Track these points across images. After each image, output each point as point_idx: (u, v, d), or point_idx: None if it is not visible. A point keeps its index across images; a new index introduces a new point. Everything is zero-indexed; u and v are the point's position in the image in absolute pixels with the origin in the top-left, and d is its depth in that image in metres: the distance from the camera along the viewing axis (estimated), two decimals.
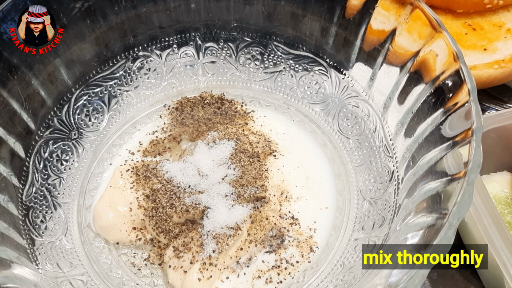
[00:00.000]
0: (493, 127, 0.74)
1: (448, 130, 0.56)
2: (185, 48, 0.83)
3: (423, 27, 0.62)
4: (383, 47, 0.69)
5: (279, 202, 0.73)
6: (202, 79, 0.87)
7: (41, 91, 0.72)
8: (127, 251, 0.71)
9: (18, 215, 0.67)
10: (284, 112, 0.85)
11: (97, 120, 0.81)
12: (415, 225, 0.54)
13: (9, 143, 0.68)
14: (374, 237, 0.65)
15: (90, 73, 0.79)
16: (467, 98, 0.54)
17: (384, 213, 0.66)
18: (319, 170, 0.78)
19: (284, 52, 0.81)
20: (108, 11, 0.75)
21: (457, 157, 0.52)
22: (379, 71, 0.71)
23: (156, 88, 0.86)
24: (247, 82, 0.87)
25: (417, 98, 0.64)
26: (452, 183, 0.50)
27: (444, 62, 0.59)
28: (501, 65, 0.85)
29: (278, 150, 0.79)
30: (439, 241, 0.45)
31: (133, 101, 0.84)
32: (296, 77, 0.82)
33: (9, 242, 0.61)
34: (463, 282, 0.74)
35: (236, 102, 0.85)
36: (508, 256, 0.63)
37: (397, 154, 0.68)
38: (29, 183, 0.71)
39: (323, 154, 0.80)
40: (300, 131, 0.83)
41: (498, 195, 0.76)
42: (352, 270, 0.63)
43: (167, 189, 0.71)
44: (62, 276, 0.65)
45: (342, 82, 0.78)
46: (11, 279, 0.55)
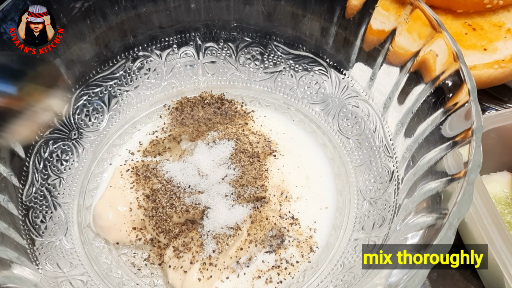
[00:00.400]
0: (493, 127, 0.74)
1: (448, 130, 0.56)
2: (185, 48, 0.83)
3: (423, 27, 0.62)
4: (383, 47, 0.69)
5: (279, 202, 0.73)
6: (202, 79, 0.87)
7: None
8: (127, 251, 0.71)
9: (18, 215, 0.67)
10: (284, 112, 0.85)
11: (97, 120, 0.81)
12: (415, 225, 0.54)
13: (9, 143, 0.68)
14: (374, 237, 0.65)
15: (90, 73, 0.79)
16: (467, 98, 0.54)
17: (384, 213, 0.66)
18: (319, 170, 0.78)
19: (284, 52, 0.81)
20: (108, 11, 0.75)
21: (457, 157, 0.52)
22: (379, 71, 0.71)
23: (156, 88, 0.86)
24: (247, 82, 0.87)
25: (417, 98, 0.63)
26: (452, 183, 0.50)
27: (444, 62, 0.59)
28: (501, 65, 0.85)
29: (278, 150, 0.79)
30: (439, 241, 0.45)
31: (133, 101, 0.84)
32: (296, 77, 0.81)
33: (9, 242, 0.61)
34: (463, 282, 0.74)
35: (236, 102, 0.85)
36: (508, 256, 0.63)
37: (397, 154, 0.68)
38: (29, 183, 0.71)
39: (323, 154, 0.80)
40: (300, 131, 0.83)
41: (498, 195, 0.76)
42: (352, 270, 0.63)
43: (167, 189, 0.71)
44: (62, 276, 0.65)
45: (342, 82, 0.78)
46: (11, 279, 0.55)
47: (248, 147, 0.76)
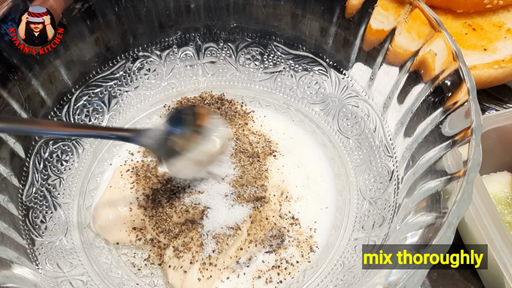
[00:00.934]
0: (493, 127, 0.74)
1: (447, 129, 0.56)
2: (185, 48, 0.83)
3: (422, 27, 0.62)
4: (383, 46, 0.69)
5: (279, 202, 0.73)
6: (202, 80, 0.87)
7: (41, 91, 0.72)
8: (127, 251, 0.71)
9: (18, 215, 0.66)
10: (284, 112, 0.85)
11: (97, 120, 0.81)
12: (414, 224, 0.54)
13: (9, 143, 0.68)
14: (374, 237, 0.64)
15: (90, 74, 0.79)
16: (467, 97, 0.54)
17: (384, 213, 0.66)
18: (319, 170, 0.78)
19: (284, 52, 0.81)
20: (108, 11, 0.75)
21: (456, 156, 0.52)
22: (379, 71, 0.71)
23: (156, 89, 0.86)
24: (247, 82, 0.87)
25: (417, 98, 0.63)
26: (451, 182, 0.50)
27: (443, 61, 0.59)
28: (501, 65, 0.85)
29: (278, 150, 0.79)
30: (438, 240, 0.45)
31: (133, 101, 0.84)
32: (296, 77, 0.81)
33: (9, 242, 0.61)
34: (463, 282, 0.74)
35: (236, 102, 0.85)
36: (508, 256, 0.63)
37: (397, 153, 0.68)
38: (29, 183, 0.71)
39: (323, 154, 0.80)
40: (300, 131, 0.83)
41: (498, 195, 0.76)
42: (352, 270, 0.63)
43: (167, 189, 0.71)
44: (62, 276, 0.65)
45: (342, 82, 0.78)
46: (11, 279, 0.55)
47: (248, 147, 0.76)
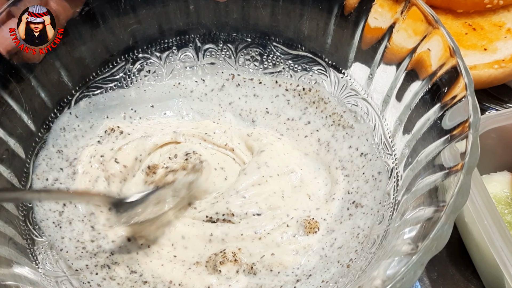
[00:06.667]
0: (493, 127, 0.74)
1: (445, 125, 0.56)
2: (184, 49, 0.83)
3: (419, 23, 0.62)
4: (381, 45, 0.69)
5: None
6: None
7: (41, 93, 0.72)
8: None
9: (18, 215, 0.67)
10: None
11: None
12: (413, 219, 0.54)
13: (9, 144, 0.68)
14: (374, 235, 0.64)
15: (90, 75, 0.79)
16: (464, 93, 0.54)
17: (384, 210, 0.66)
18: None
19: (283, 52, 0.81)
20: (108, 13, 0.75)
21: (454, 151, 0.52)
22: (378, 69, 0.71)
23: None
24: None
25: (415, 94, 0.64)
26: (449, 176, 0.51)
27: (440, 57, 0.59)
28: (501, 65, 0.85)
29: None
30: (436, 233, 0.45)
31: None
32: (295, 77, 0.82)
33: (9, 241, 0.62)
34: (463, 282, 0.74)
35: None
36: (508, 256, 0.63)
37: (396, 151, 0.68)
38: (30, 184, 0.71)
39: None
40: None
41: (498, 195, 0.76)
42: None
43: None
44: (62, 276, 0.65)
45: (341, 81, 0.77)
46: (11, 276, 0.56)
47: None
